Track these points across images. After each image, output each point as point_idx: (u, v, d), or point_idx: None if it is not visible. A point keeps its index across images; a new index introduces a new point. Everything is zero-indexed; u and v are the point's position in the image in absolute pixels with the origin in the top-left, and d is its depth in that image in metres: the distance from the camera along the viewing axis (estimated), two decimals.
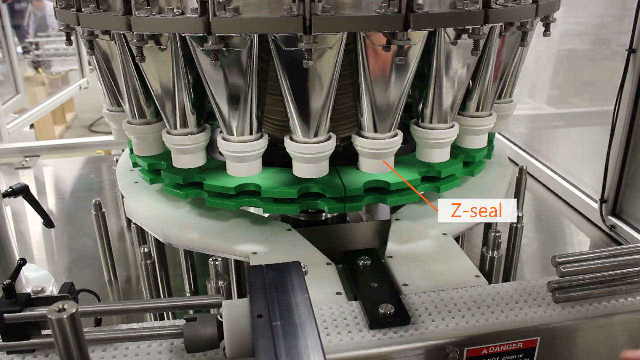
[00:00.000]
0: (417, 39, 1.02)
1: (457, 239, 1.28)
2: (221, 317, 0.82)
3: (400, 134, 1.17)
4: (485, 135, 1.34)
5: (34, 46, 5.85)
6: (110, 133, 1.52)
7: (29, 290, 1.27)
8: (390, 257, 1.16)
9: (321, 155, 1.13)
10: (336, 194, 1.21)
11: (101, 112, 1.46)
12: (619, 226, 1.65)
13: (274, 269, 0.91)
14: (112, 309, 0.91)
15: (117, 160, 1.64)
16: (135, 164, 1.41)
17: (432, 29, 1.03)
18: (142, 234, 1.37)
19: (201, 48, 1.00)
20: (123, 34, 1.08)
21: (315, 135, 1.11)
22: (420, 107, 1.20)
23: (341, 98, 1.20)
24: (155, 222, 1.28)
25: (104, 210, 1.48)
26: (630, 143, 1.59)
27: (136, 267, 1.56)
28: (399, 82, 1.07)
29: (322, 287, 1.05)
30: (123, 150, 1.80)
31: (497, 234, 1.17)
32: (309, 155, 1.12)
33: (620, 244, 1.63)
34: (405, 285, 1.06)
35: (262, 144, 1.14)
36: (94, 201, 1.48)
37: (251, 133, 1.12)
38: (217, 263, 1.07)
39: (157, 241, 1.31)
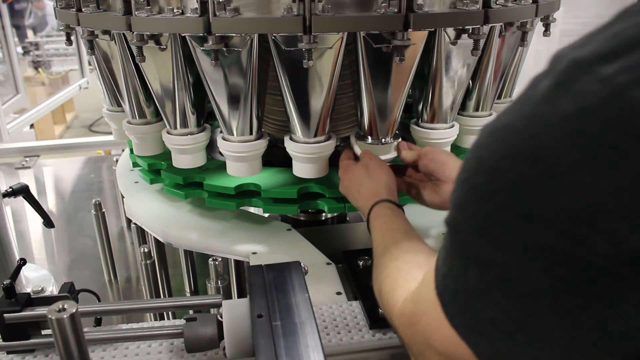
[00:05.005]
0: (417, 39, 1.02)
1: None
2: (221, 317, 0.82)
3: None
4: None
5: (34, 46, 5.84)
6: (110, 133, 1.52)
7: (29, 290, 1.27)
8: None
9: (321, 155, 1.13)
10: (336, 194, 1.21)
11: (101, 112, 1.46)
12: None
13: (274, 269, 0.91)
14: (112, 309, 0.91)
15: (117, 160, 1.63)
16: (135, 164, 1.41)
17: (432, 29, 1.04)
18: (142, 234, 1.37)
19: (201, 48, 1.00)
20: (123, 34, 1.08)
21: (315, 135, 1.11)
22: (420, 107, 1.20)
23: (341, 98, 1.20)
24: (155, 222, 1.28)
25: (104, 210, 1.48)
26: None
27: (136, 267, 1.56)
28: (399, 82, 1.07)
29: (322, 287, 1.05)
30: (123, 150, 1.80)
31: None
32: (309, 155, 1.12)
33: None
34: None
35: (262, 144, 1.14)
36: (94, 201, 1.48)
37: (251, 133, 1.12)
38: (217, 263, 1.07)
39: (157, 241, 1.31)
